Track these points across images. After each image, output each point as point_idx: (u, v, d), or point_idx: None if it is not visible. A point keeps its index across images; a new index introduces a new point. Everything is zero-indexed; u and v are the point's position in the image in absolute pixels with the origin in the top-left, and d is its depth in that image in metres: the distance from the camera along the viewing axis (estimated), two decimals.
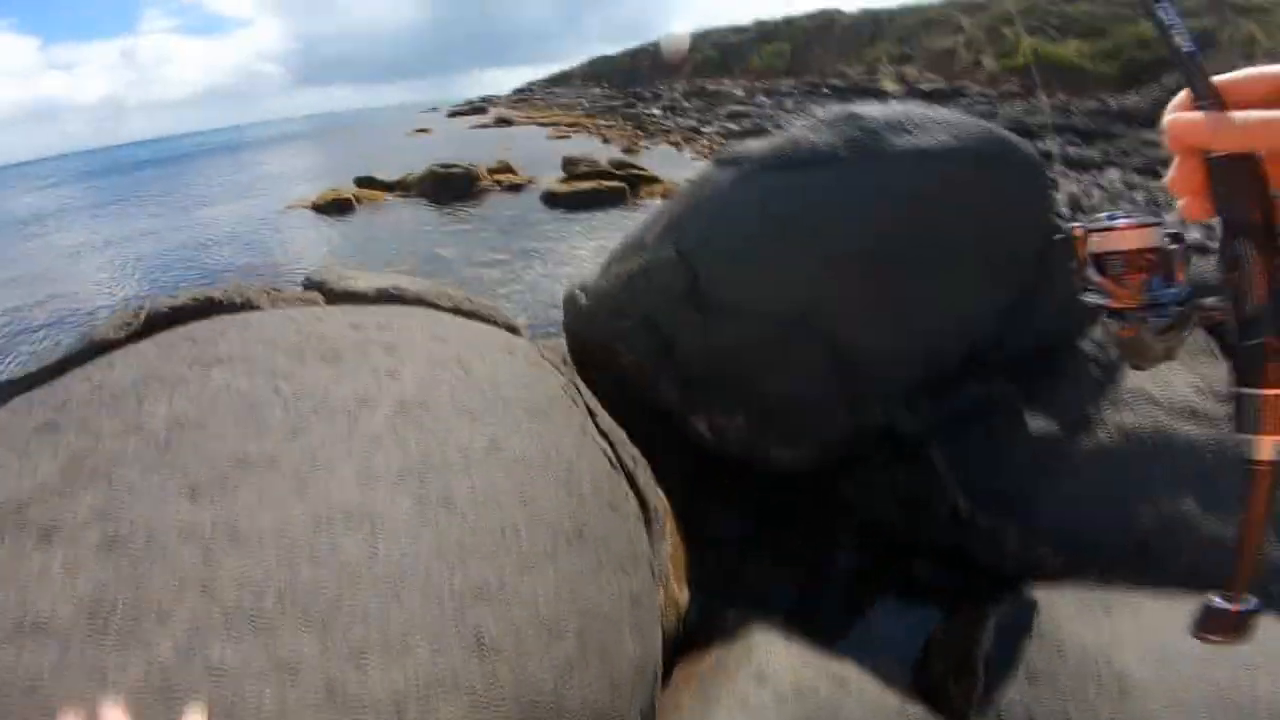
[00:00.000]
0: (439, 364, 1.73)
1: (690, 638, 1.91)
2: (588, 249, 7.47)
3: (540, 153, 15.63)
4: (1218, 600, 0.45)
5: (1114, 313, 0.49)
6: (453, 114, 41.78)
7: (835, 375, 2.51)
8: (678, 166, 11.42)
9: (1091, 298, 0.51)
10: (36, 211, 25.46)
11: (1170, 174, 0.44)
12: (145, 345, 1.69)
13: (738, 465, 2.67)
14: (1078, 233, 0.51)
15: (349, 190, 12.50)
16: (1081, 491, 2.15)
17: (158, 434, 1.28)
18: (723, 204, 2.79)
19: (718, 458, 2.69)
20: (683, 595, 2.07)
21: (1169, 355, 0.50)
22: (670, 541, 2.10)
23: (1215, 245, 0.42)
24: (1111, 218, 0.50)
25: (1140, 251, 0.48)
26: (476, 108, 42.17)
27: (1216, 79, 0.42)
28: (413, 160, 16.78)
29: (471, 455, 1.37)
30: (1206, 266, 0.51)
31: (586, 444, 1.82)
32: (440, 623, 1.10)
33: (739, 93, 23.10)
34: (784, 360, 2.45)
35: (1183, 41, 0.42)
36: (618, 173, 10.36)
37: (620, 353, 2.90)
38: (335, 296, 2.61)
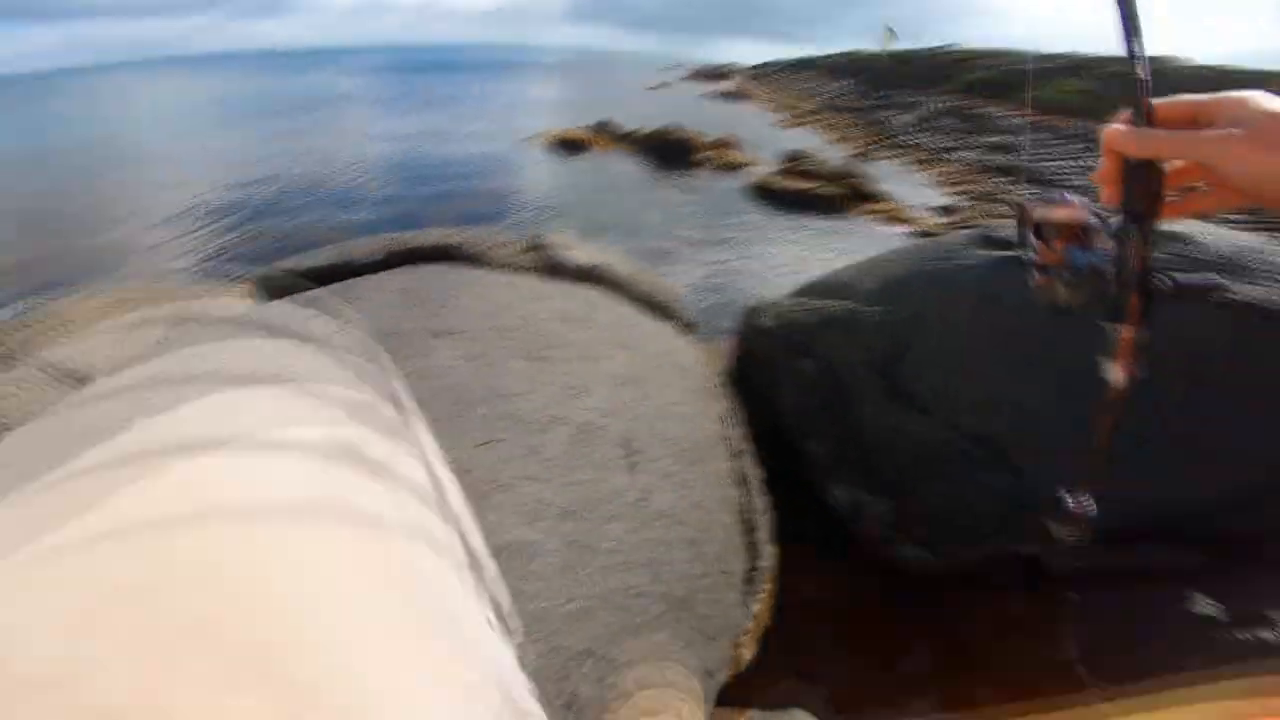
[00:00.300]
0: (621, 383, 1.81)
1: (735, 691, 1.90)
2: (785, 257, 7.31)
3: (764, 137, 15.35)
4: (1066, 498, 0.65)
5: (1039, 267, 0.63)
6: (692, 75, 42.12)
7: (1014, 501, 2.29)
8: (910, 188, 10.62)
9: (1026, 254, 0.65)
10: (345, 94, 29.47)
11: (1099, 168, 0.58)
12: (389, 286, 1.92)
13: (851, 540, 2.55)
14: (1028, 206, 0.65)
15: (584, 132, 13.52)
16: None
17: None
18: (958, 295, 2.58)
19: (832, 523, 2.59)
20: (747, 654, 2.06)
21: (1073, 304, 0.62)
22: (761, 601, 2.09)
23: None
24: (1058, 197, 0.64)
25: (1067, 224, 0.62)
26: (715, 73, 42.15)
27: (1154, 100, 0.55)
28: (645, 113, 17.21)
29: (623, 504, 1.46)
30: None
31: (726, 497, 1.86)
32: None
33: (1012, 122, 20.96)
34: (965, 473, 2.27)
35: (1142, 72, 0.55)
36: (840, 179, 9.88)
37: (786, 391, 2.84)
38: (551, 265, 2.81)
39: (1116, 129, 0.56)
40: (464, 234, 2.72)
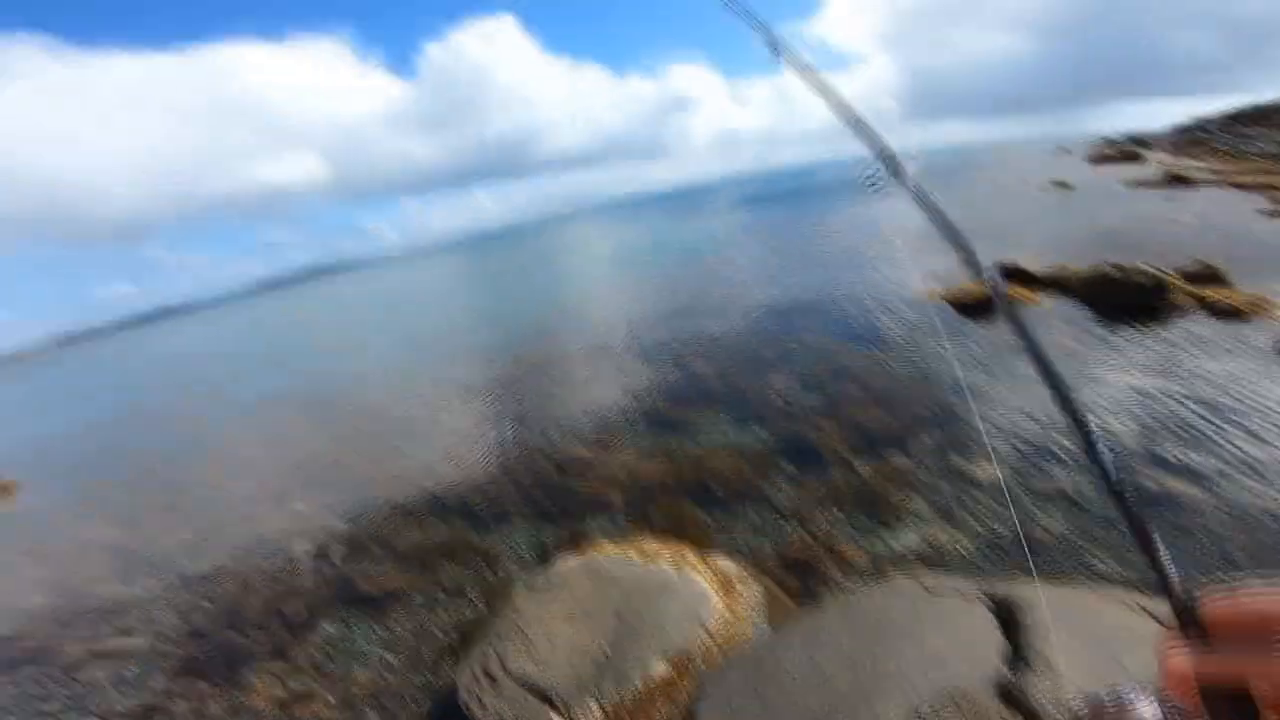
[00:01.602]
0: None
1: None
2: None
3: (1257, 243, 11.17)
4: None
5: None
6: (1095, 159, 35.67)
7: None
8: None
9: None
10: (712, 229, 32.06)
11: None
12: None
13: None
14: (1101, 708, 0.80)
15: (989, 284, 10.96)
16: None
17: None
18: None
19: None
20: None
21: None
22: None
23: None
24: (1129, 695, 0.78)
25: None
26: (1126, 152, 34.88)
27: (1208, 605, 0.49)
28: (1056, 233, 14.17)
29: None
30: None
31: None
32: None
33: None
34: None
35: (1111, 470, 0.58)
36: None
37: None
38: None
39: (1176, 658, 0.49)
40: None
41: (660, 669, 3.86)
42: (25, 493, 13.02)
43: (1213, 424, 5.71)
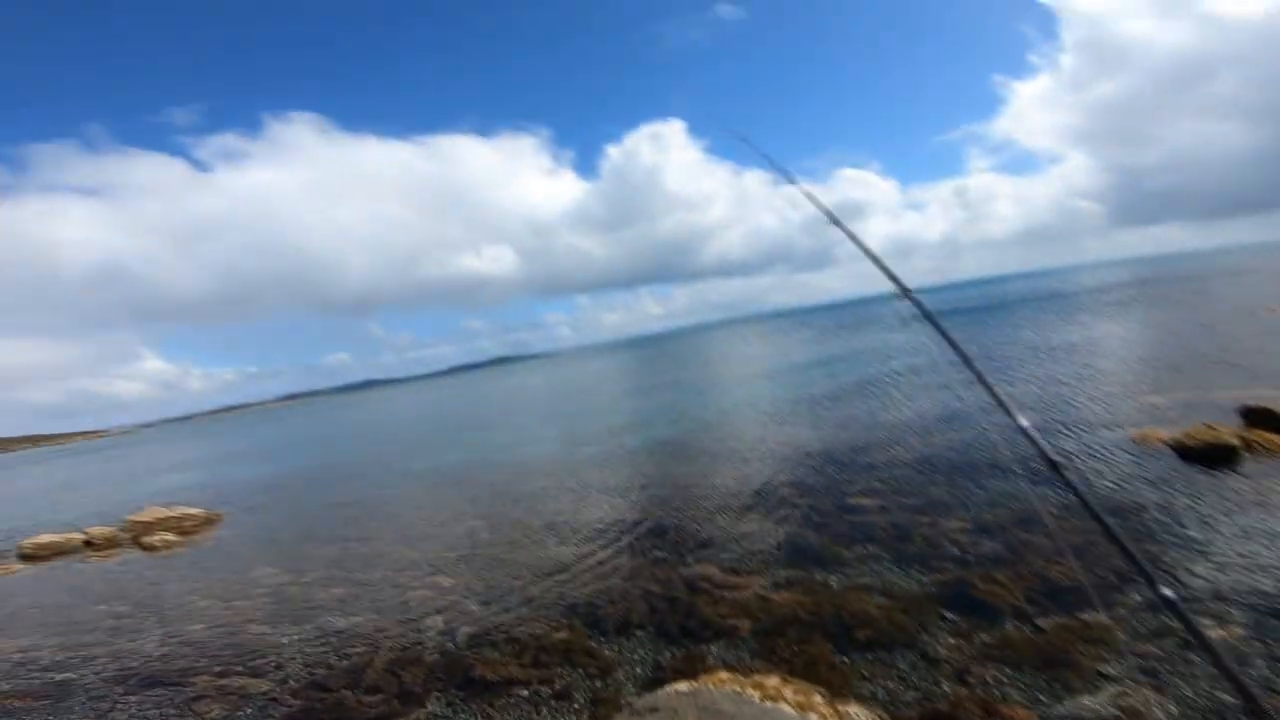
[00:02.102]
0: None
1: None
2: None
3: None
4: None
5: None
6: None
7: None
8: None
9: None
10: (883, 344, 30.70)
11: None
12: None
13: None
14: None
15: (1230, 429, 8.70)
16: None
17: None
18: None
19: None
20: None
21: None
22: None
23: None
24: None
25: None
26: None
27: None
28: None
29: None
30: None
31: None
32: None
33: None
34: None
35: None
36: None
37: None
38: None
39: None
40: None
41: None
42: (226, 526, 14.87)
43: None
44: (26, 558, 13.44)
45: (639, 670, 5.61)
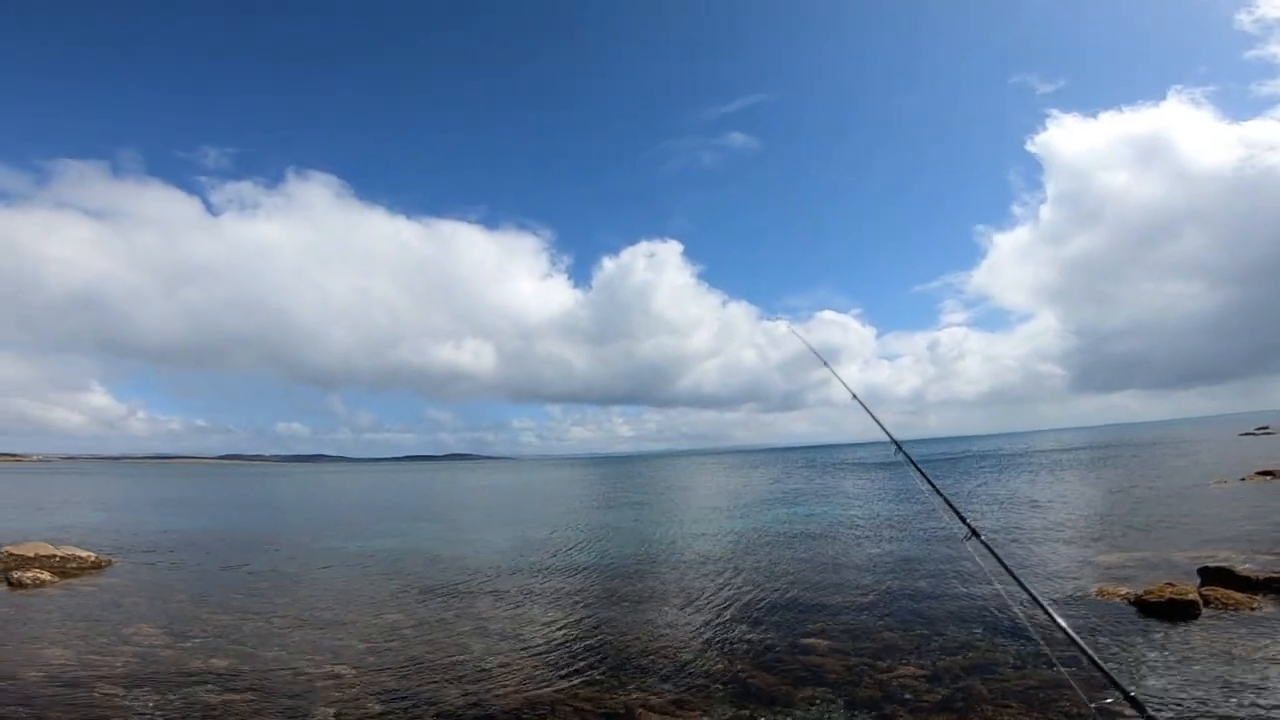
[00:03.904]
0: None
1: None
2: None
3: None
4: None
5: None
6: None
7: None
8: None
9: None
10: (848, 487, 30.37)
11: None
12: None
13: None
14: None
15: (1189, 586, 8.94)
16: None
17: None
18: None
19: None
20: None
21: None
22: None
23: None
24: None
25: None
26: None
27: None
28: (1243, 533, 11.94)
29: None
30: None
31: None
32: None
33: None
34: None
35: None
36: None
37: None
38: None
39: None
40: None
41: None
42: (113, 573, 13.26)
43: None
44: None
45: None
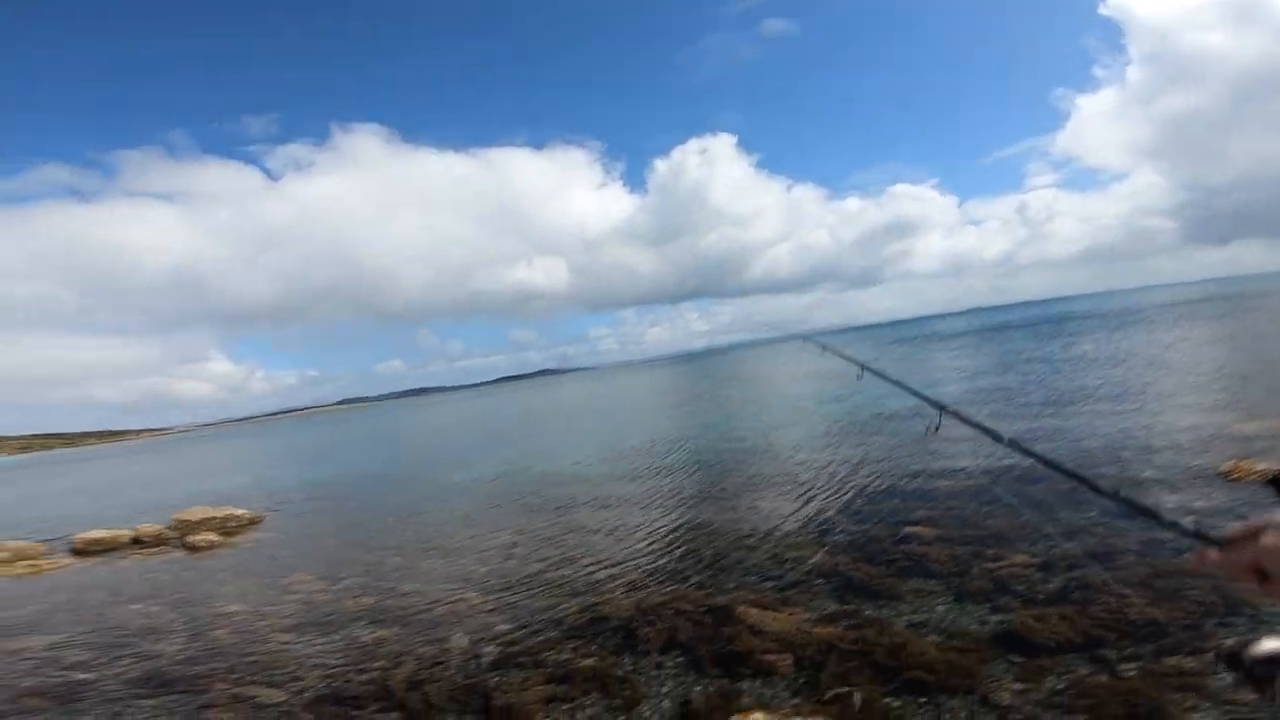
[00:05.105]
0: None
1: None
2: None
3: None
4: None
5: None
6: None
7: None
8: None
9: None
10: (937, 360, 29.69)
11: None
12: None
13: None
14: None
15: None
16: None
17: None
18: None
19: None
20: None
21: None
22: None
23: None
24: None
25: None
26: None
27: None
28: None
29: None
30: None
31: None
32: None
33: None
34: None
35: None
36: None
37: None
38: None
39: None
40: None
41: None
42: (267, 528, 15.05)
43: None
44: (77, 553, 13.81)
45: (666, 705, 5.20)
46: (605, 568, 8.76)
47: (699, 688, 5.39)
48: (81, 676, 6.86)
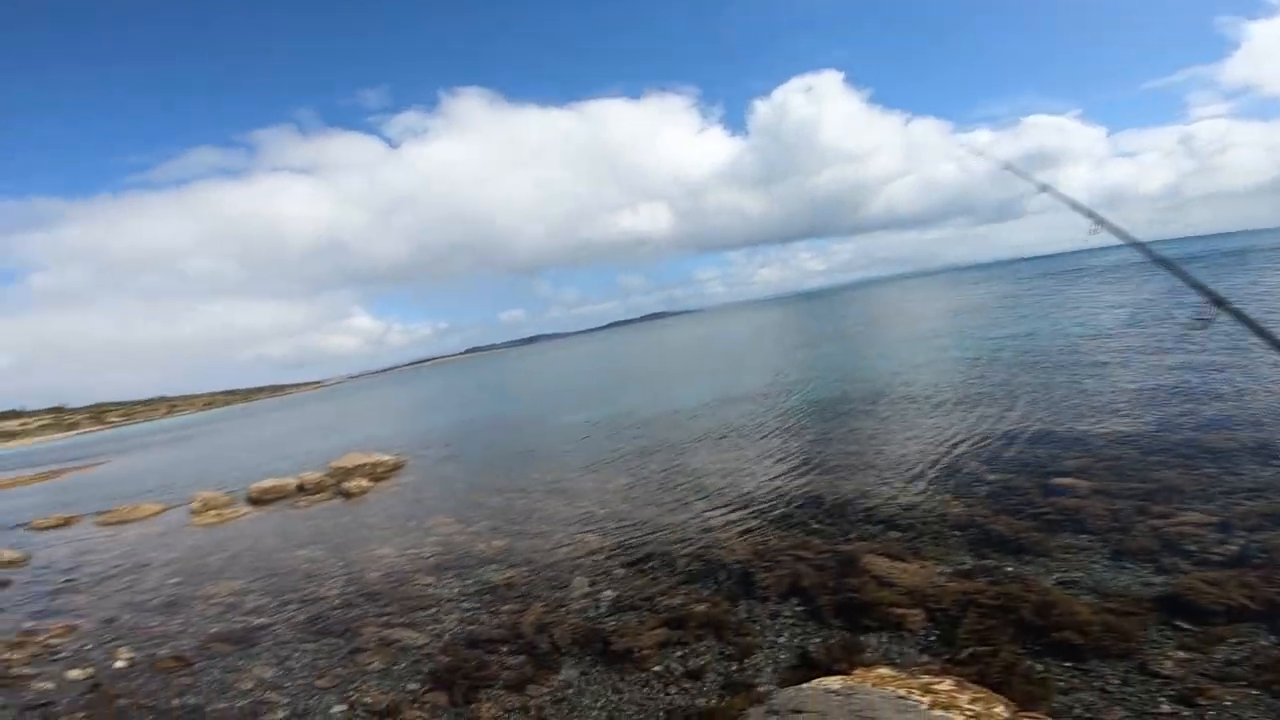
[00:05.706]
0: None
1: None
2: None
3: None
4: None
5: None
6: None
7: None
8: None
9: None
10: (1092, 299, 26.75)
11: None
12: None
13: None
14: None
15: None
16: None
17: None
18: None
19: None
20: None
21: None
22: None
23: None
24: None
25: None
26: None
27: None
28: None
29: None
30: None
31: None
32: None
33: None
34: None
35: None
36: None
37: None
38: None
39: None
40: None
41: None
42: (409, 472, 16.30)
43: None
44: (253, 502, 15.63)
45: (782, 656, 5.08)
46: (721, 511, 8.69)
47: (818, 639, 5.23)
48: (257, 621, 7.73)
